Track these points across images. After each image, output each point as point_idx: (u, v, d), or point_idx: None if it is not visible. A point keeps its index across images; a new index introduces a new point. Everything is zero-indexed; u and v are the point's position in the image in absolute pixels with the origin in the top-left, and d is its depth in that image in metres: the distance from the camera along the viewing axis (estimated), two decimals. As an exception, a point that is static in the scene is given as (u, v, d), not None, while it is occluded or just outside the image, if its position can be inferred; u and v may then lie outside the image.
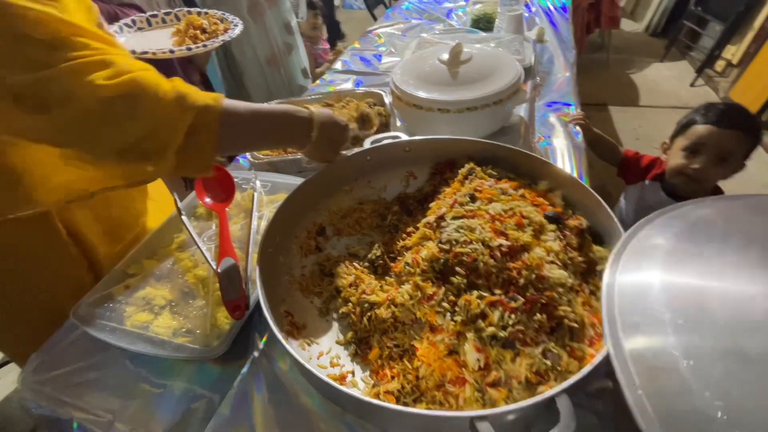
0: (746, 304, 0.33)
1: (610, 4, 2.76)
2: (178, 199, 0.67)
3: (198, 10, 1.04)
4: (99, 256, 0.67)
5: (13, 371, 1.46)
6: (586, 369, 0.35)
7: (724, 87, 2.60)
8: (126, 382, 0.52)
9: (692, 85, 2.82)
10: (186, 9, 1.05)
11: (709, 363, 0.30)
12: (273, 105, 0.59)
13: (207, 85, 1.40)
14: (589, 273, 0.49)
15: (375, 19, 2.22)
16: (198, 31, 0.95)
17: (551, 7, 1.60)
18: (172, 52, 0.87)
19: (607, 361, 0.34)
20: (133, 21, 0.98)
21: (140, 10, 1.18)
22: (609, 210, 0.50)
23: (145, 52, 0.86)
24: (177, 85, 0.46)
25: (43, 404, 0.51)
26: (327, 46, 2.17)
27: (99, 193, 0.62)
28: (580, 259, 0.48)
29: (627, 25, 3.81)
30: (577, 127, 0.93)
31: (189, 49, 0.89)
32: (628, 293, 0.37)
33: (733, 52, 2.62)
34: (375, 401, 0.35)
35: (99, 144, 0.45)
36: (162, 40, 0.95)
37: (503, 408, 0.33)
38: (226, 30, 0.99)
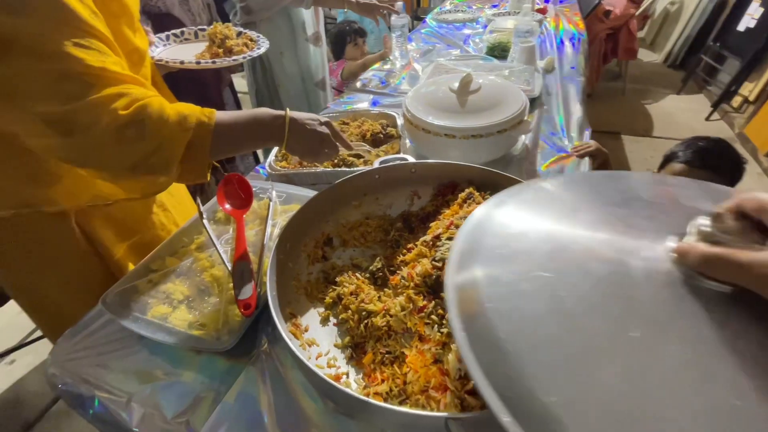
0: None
1: (627, 35, 2.81)
2: (200, 204, 0.74)
3: (239, 30, 1.07)
4: (111, 253, 0.76)
5: (30, 353, 1.54)
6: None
7: (739, 123, 2.61)
8: (143, 368, 0.57)
9: (707, 119, 2.83)
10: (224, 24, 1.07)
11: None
12: (251, 111, 0.65)
13: (234, 93, 1.50)
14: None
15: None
16: (221, 50, 0.99)
17: (565, 39, 1.65)
18: (198, 63, 0.94)
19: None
20: (182, 32, 1.04)
21: (179, 21, 1.27)
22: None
23: (176, 61, 0.92)
24: (179, 108, 0.54)
25: (67, 381, 0.56)
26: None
27: (119, 202, 0.72)
28: (563, 284, 0.52)
29: (645, 55, 3.85)
30: (585, 157, 0.95)
31: (214, 62, 0.95)
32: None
33: (750, 88, 2.63)
34: (365, 398, 0.40)
35: (112, 162, 0.53)
36: (191, 53, 1.00)
37: (474, 414, 0.37)
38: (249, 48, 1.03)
